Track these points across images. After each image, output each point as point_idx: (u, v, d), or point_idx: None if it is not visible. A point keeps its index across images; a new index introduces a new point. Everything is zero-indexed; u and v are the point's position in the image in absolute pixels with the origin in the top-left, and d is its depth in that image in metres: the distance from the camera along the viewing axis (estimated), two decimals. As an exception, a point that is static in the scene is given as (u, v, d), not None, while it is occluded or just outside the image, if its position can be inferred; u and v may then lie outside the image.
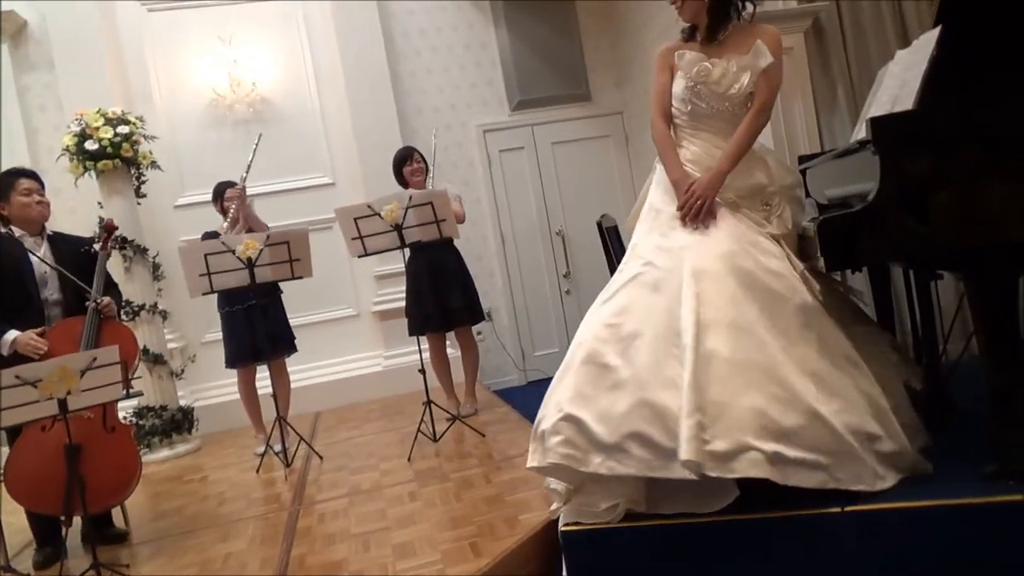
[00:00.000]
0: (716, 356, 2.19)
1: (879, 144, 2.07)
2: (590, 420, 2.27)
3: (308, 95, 6.03)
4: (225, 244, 3.96)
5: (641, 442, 2.19)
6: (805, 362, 2.22)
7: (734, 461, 2.10)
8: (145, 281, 5.20)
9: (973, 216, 1.99)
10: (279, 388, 4.37)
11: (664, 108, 2.67)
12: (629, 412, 2.22)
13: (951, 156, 2.01)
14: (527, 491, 3.02)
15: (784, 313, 2.28)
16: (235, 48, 5.82)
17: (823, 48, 4.24)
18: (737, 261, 2.34)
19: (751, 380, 2.17)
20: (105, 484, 3.05)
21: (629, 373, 2.27)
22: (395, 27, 6.20)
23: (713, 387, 2.16)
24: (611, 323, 2.40)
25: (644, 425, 2.19)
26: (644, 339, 2.31)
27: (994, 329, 2.07)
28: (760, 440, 2.10)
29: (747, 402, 2.14)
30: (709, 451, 2.10)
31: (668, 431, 2.15)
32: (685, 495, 2.27)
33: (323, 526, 3.07)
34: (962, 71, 2.25)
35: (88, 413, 3.05)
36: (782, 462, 2.10)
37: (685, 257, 2.38)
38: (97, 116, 4.88)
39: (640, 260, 2.51)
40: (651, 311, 2.35)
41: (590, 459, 2.27)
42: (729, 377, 2.17)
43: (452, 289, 4.39)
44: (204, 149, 5.77)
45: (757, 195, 2.52)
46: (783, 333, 2.25)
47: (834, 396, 2.18)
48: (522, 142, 6.48)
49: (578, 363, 2.39)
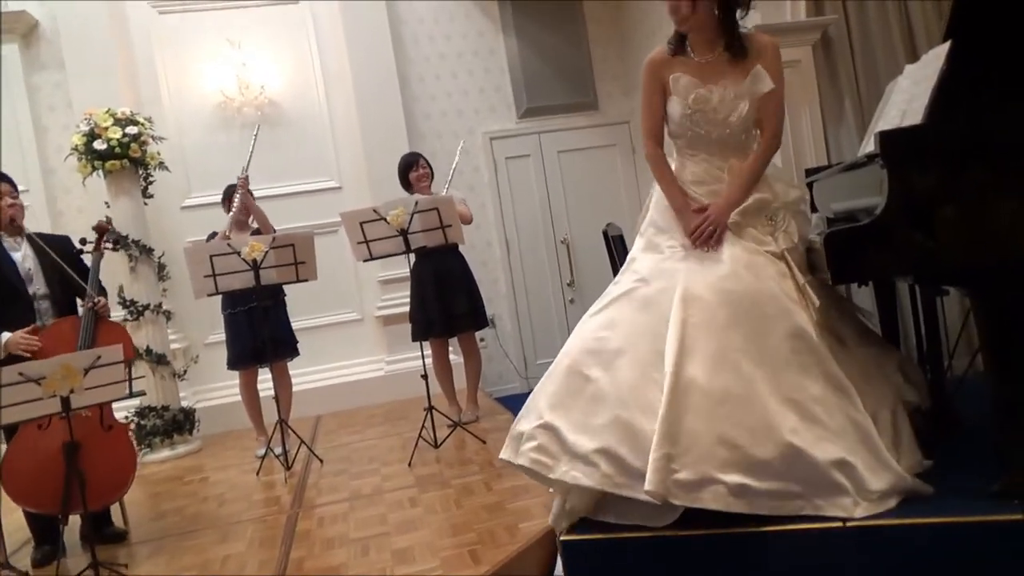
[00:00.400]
0: (694, 385, 2.21)
1: (887, 158, 2.06)
2: (566, 429, 2.30)
3: (316, 99, 6.05)
4: (231, 245, 3.97)
5: (610, 459, 2.22)
6: (789, 390, 2.20)
7: (699, 491, 2.13)
8: (150, 281, 5.21)
9: (981, 232, 1.98)
10: (280, 391, 4.37)
11: (656, 130, 2.58)
12: (605, 427, 2.25)
13: (959, 171, 2.00)
14: (528, 499, 3.01)
15: (772, 340, 2.26)
16: (244, 51, 5.84)
17: (831, 61, 4.24)
18: (728, 286, 2.33)
19: (727, 411, 2.18)
20: (102, 482, 3.05)
21: (611, 389, 2.30)
22: (404, 33, 6.22)
23: (688, 416, 2.18)
24: (598, 336, 2.41)
25: (616, 443, 2.22)
26: (627, 358, 2.33)
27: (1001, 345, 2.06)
28: (725, 473, 2.13)
29: (719, 434, 2.16)
30: (675, 480, 2.13)
31: (639, 451, 2.18)
32: (635, 508, 2.28)
33: (322, 530, 3.06)
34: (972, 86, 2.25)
35: (86, 411, 3.05)
36: (749, 494, 2.12)
37: (678, 280, 2.38)
38: (106, 116, 4.91)
39: (635, 275, 2.50)
40: (638, 330, 2.37)
41: (558, 467, 2.30)
42: (705, 407, 2.18)
43: (457, 295, 4.39)
44: (211, 151, 5.79)
45: (761, 211, 2.50)
46: (769, 361, 2.24)
47: (815, 424, 2.16)
48: (529, 150, 6.49)
49: (561, 372, 2.41)
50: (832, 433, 2.16)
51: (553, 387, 2.40)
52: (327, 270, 4.74)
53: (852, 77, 4.16)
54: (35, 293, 3.27)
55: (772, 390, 2.20)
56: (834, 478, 2.11)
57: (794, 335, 2.26)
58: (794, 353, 2.25)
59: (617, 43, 6.60)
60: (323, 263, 4.35)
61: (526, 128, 6.48)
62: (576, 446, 2.26)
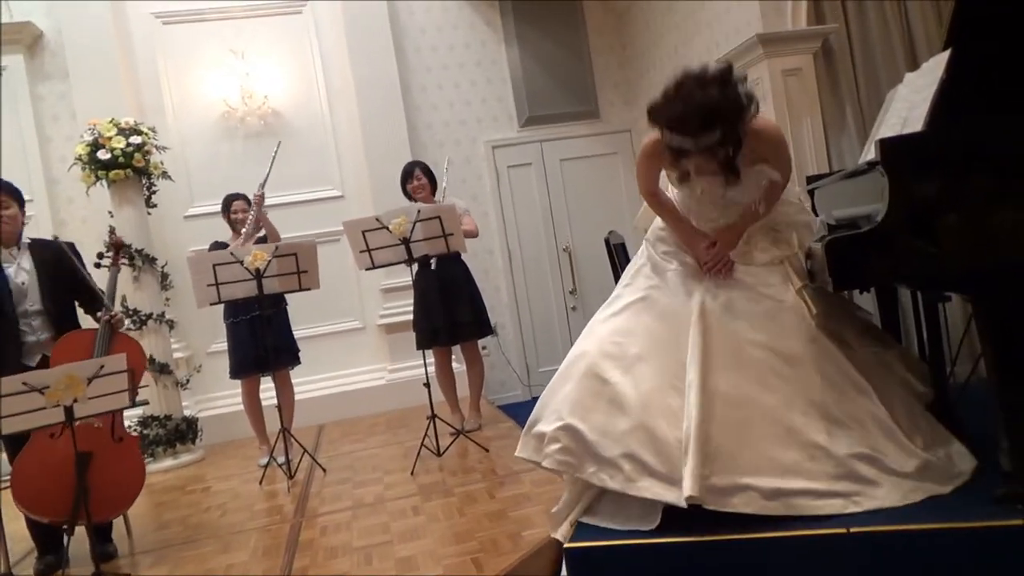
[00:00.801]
0: (718, 395, 2.29)
1: (888, 165, 2.07)
2: (588, 432, 2.36)
3: (319, 108, 6.08)
4: (233, 255, 3.99)
5: (634, 462, 2.30)
6: (809, 394, 2.29)
7: (732, 497, 2.20)
8: (153, 290, 5.23)
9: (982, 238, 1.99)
10: (283, 399, 4.37)
11: (652, 187, 2.62)
12: (629, 433, 2.32)
13: (960, 178, 2.01)
14: (530, 507, 3.01)
15: (791, 346, 2.35)
16: (248, 61, 5.88)
17: (832, 69, 4.26)
18: (742, 304, 2.43)
19: (753, 418, 2.27)
20: (111, 493, 3.06)
21: (633, 395, 2.37)
22: (407, 43, 6.25)
23: (715, 424, 2.25)
24: (616, 340, 2.48)
25: (640, 448, 2.30)
26: (648, 365, 2.41)
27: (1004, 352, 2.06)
28: (756, 477, 2.19)
29: (746, 440, 2.24)
30: (708, 485, 2.19)
31: (662, 457, 2.26)
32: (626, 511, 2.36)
33: (325, 539, 3.06)
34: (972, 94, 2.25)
35: (98, 422, 3.05)
36: (783, 495, 2.18)
37: (695, 291, 2.46)
38: (110, 126, 4.94)
39: (651, 280, 2.57)
40: (657, 338, 2.45)
41: (585, 467, 2.37)
42: (731, 415, 2.27)
43: (460, 303, 4.40)
44: (215, 160, 5.82)
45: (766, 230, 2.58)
46: (789, 367, 2.33)
47: (839, 425, 2.25)
48: (530, 158, 6.51)
49: (580, 374, 2.47)
50: (855, 430, 2.24)
51: (572, 389, 2.46)
52: (329, 279, 4.76)
53: (853, 85, 4.17)
54: (27, 310, 3.18)
55: (794, 394, 2.29)
56: (864, 473, 2.19)
57: (811, 339, 2.35)
58: (812, 357, 2.34)
59: (618, 52, 6.63)
60: (325, 272, 4.36)
61: (528, 137, 6.50)
62: (600, 448, 2.34)
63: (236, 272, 3.97)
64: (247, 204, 4.55)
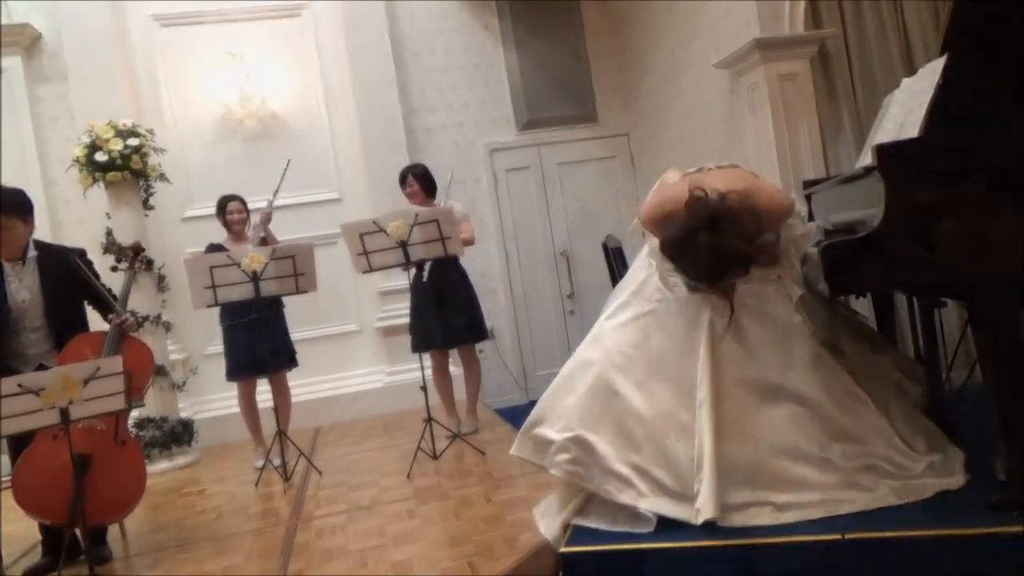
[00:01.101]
0: (728, 413, 2.35)
1: (884, 171, 2.07)
2: (599, 444, 2.41)
3: (317, 111, 6.08)
4: (231, 257, 3.98)
5: (645, 478, 2.36)
6: (815, 410, 2.35)
7: (747, 511, 2.27)
8: (150, 292, 5.21)
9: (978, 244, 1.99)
10: (279, 402, 4.37)
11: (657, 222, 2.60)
12: (640, 447, 2.39)
13: (956, 184, 2.01)
14: (527, 511, 2.99)
15: (795, 361, 2.41)
16: (246, 63, 5.87)
17: (829, 74, 4.27)
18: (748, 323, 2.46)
19: (761, 437, 2.32)
20: (113, 496, 3.05)
21: (645, 410, 2.42)
22: (405, 46, 6.26)
23: (727, 443, 2.31)
24: (626, 352, 2.53)
25: (652, 464, 2.36)
26: (659, 381, 2.46)
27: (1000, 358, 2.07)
28: (769, 493, 2.26)
29: (757, 458, 2.30)
30: (724, 503, 2.26)
31: (674, 473, 2.33)
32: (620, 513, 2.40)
33: (321, 542, 3.05)
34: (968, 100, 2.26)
35: (100, 424, 3.04)
36: (795, 507, 2.24)
37: (703, 309, 2.49)
38: (107, 128, 4.93)
39: (660, 293, 2.59)
40: (667, 354, 2.50)
41: (593, 478, 2.42)
42: (741, 434, 2.32)
43: (457, 306, 4.39)
44: (213, 163, 5.81)
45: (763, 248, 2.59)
46: (794, 383, 2.38)
47: (845, 438, 2.31)
48: (528, 162, 6.51)
49: (589, 384, 2.51)
50: (860, 442, 2.31)
51: (582, 399, 2.51)
52: (327, 281, 4.75)
53: (850, 89, 4.18)
54: (26, 326, 3.14)
55: (800, 411, 2.35)
56: (870, 480, 2.25)
57: (814, 356, 2.42)
58: (815, 372, 2.39)
59: (617, 56, 6.64)
60: (323, 274, 4.35)
61: (526, 140, 6.50)
62: (610, 461, 2.39)
63: (233, 274, 3.97)
64: (242, 205, 4.55)
